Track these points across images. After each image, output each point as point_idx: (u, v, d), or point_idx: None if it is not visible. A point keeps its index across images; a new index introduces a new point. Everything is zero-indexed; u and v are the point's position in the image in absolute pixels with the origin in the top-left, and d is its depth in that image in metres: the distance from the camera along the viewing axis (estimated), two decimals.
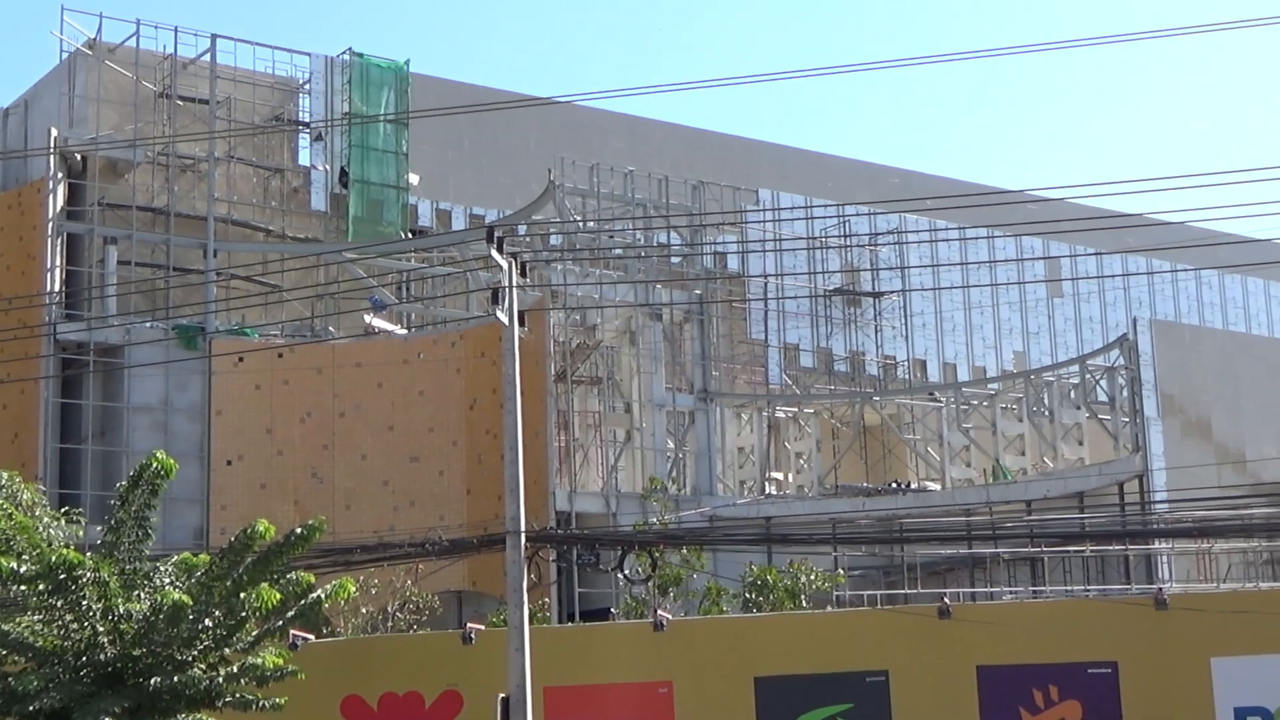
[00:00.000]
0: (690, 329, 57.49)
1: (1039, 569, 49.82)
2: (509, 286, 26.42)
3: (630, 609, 39.73)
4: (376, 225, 56.97)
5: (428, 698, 26.78)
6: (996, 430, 60.11)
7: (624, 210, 57.82)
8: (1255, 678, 25.23)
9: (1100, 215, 55.54)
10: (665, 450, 55.03)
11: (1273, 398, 56.14)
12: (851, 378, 69.16)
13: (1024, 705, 25.61)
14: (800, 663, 26.26)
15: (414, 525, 43.21)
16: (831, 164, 76.18)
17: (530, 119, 65.13)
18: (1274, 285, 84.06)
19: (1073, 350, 72.95)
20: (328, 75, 58.49)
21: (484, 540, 29.80)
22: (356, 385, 50.98)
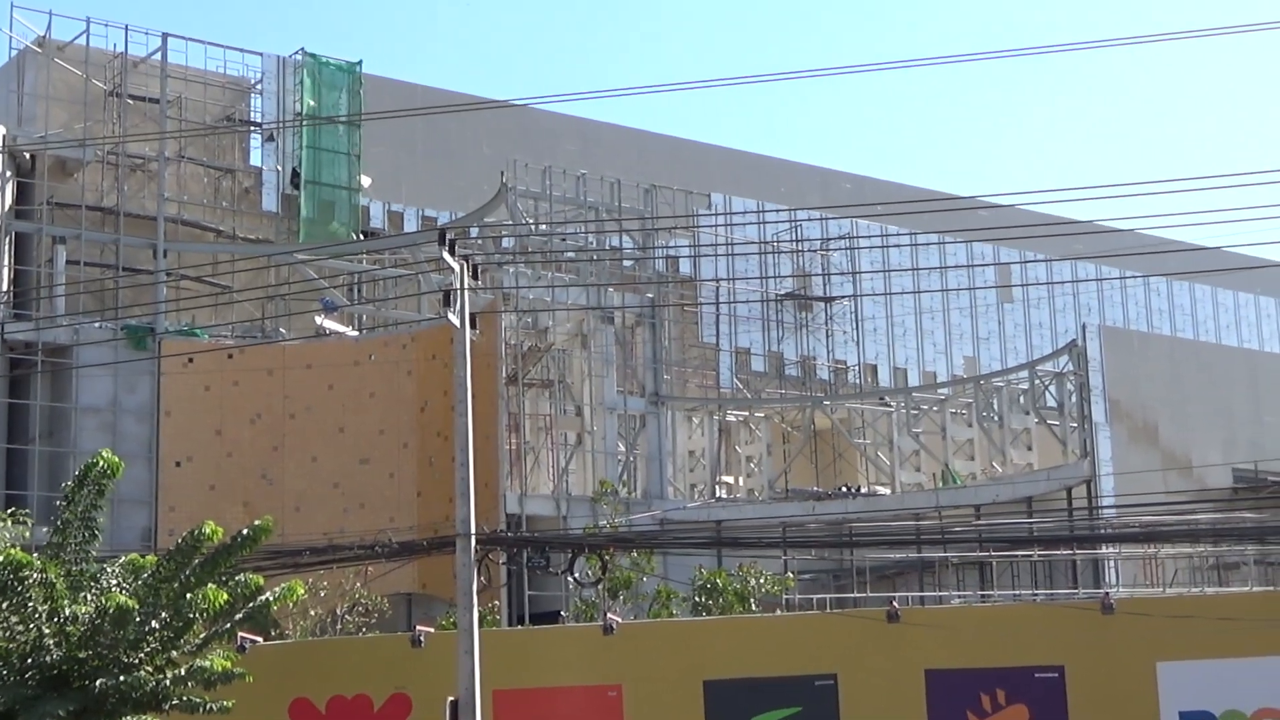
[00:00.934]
0: (642, 332, 57.51)
1: (987, 573, 50.06)
2: (460, 289, 26.40)
3: (580, 612, 39.73)
4: (328, 226, 56.79)
5: (376, 700, 26.72)
6: (946, 435, 60.33)
7: (576, 213, 57.81)
8: (1200, 682, 25.42)
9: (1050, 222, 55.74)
10: (616, 453, 55.04)
11: (1219, 404, 56.55)
12: (802, 382, 69.32)
13: (971, 709, 25.73)
14: (749, 666, 26.31)
15: (364, 527, 43.04)
16: (784, 168, 76.36)
17: (483, 121, 65.05)
18: (1221, 292, 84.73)
19: (1022, 356, 73.31)
20: (280, 75, 58.28)
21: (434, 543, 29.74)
22: (307, 387, 50.80)
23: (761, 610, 38.48)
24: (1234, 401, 57.16)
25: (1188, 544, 42.43)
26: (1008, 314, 77.96)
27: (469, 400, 26.44)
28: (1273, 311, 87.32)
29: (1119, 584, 47.05)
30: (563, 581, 39.56)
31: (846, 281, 70.25)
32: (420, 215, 64.83)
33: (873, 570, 48.75)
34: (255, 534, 25.04)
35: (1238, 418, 56.89)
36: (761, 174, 74.29)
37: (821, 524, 47.87)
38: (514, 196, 54.87)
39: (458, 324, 26.38)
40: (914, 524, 47.44)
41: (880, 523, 45.92)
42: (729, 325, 68.21)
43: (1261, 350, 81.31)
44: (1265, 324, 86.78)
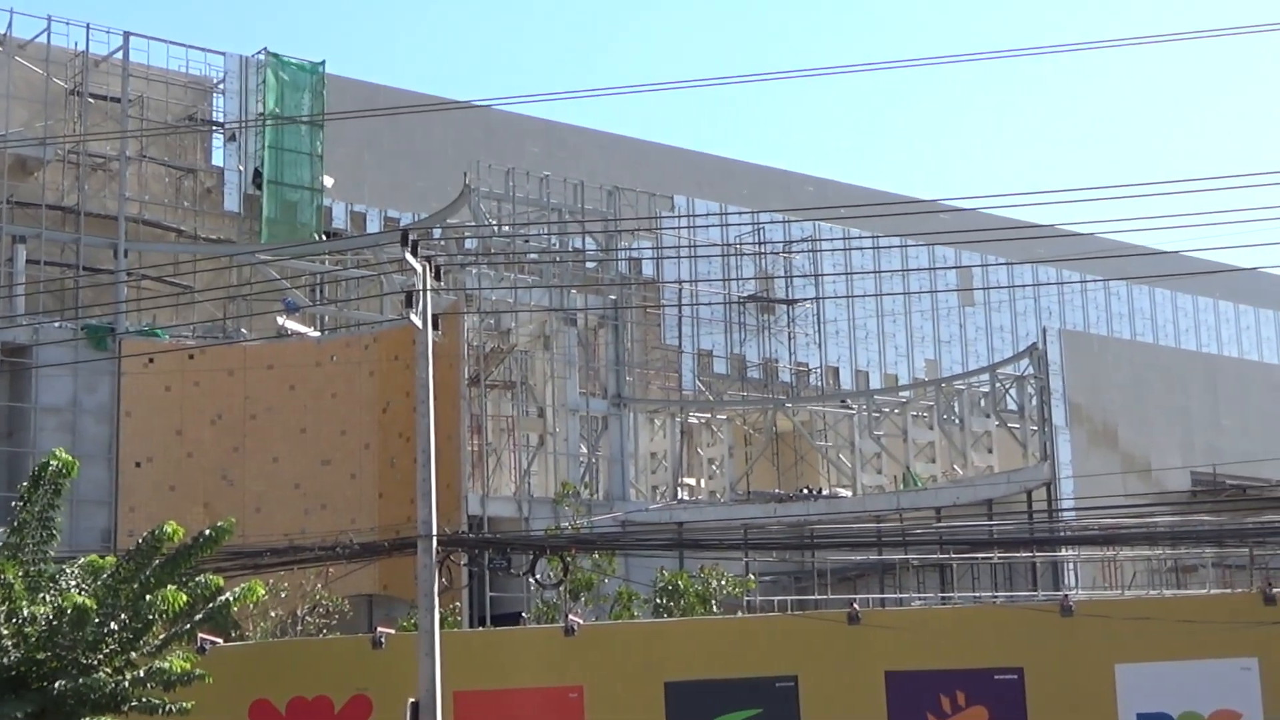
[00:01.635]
0: (604, 334, 57.51)
1: (948, 575, 50.23)
2: (423, 290, 26.37)
3: (541, 614, 39.70)
4: (290, 227, 56.63)
5: (337, 702, 26.65)
6: (907, 437, 60.53)
7: (539, 215, 57.79)
8: (1158, 684, 25.55)
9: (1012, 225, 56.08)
10: (578, 455, 55.03)
11: (1178, 408, 56.97)
12: (764, 384, 69.47)
13: (931, 710, 25.81)
14: (710, 668, 26.34)
15: (325, 528, 42.96)
16: (747, 171, 76.49)
17: (446, 122, 64.98)
18: (1181, 297, 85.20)
19: (983, 359, 73.61)
20: (242, 75, 58.13)
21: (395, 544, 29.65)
22: (268, 387, 50.66)
23: (723, 612, 38.53)
24: (1193, 405, 57.55)
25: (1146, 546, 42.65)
26: (969, 317, 78.27)
27: (431, 401, 26.42)
28: (1232, 316, 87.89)
29: (1078, 586, 47.30)
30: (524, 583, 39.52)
31: (809, 284, 70.44)
32: (383, 216, 64.73)
33: (834, 572, 48.86)
34: (216, 535, 24.94)
35: (1196, 421, 57.28)
36: (724, 176, 74.41)
37: (783, 526, 47.97)
38: (477, 198, 54.82)
39: (420, 325, 26.35)
40: (875, 526, 47.61)
41: (841, 525, 46.03)
42: (691, 327, 68.31)
43: (1220, 354, 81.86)
44: (1224, 328, 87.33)
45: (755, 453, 64.20)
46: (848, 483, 60.91)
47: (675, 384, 66.92)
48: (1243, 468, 54.06)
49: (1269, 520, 37.98)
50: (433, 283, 26.71)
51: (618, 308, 57.64)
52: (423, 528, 25.91)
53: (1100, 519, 36.61)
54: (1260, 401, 60.05)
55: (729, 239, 68.93)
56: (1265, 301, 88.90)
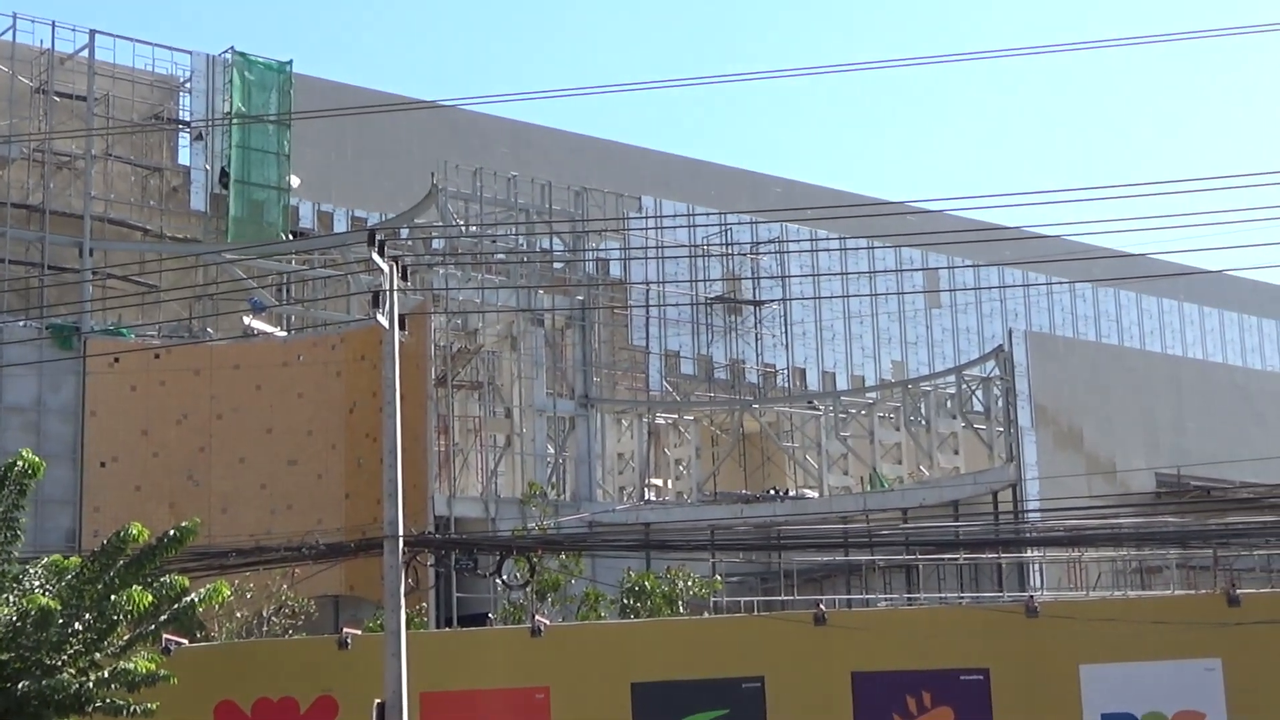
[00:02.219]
0: (572, 335, 57.50)
1: (914, 576, 50.35)
2: (390, 290, 26.32)
3: (508, 614, 39.67)
4: (257, 226, 56.48)
5: (303, 703, 26.58)
6: (874, 439, 60.67)
7: (507, 215, 57.75)
8: (1122, 684, 25.66)
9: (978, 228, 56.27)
10: (545, 456, 55.01)
11: (1142, 409, 57.17)
12: (731, 385, 69.55)
13: (897, 711, 25.87)
14: (677, 669, 26.35)
15: (292, 529, 42.79)
16: (714, 172, 76.54)
17: (414, 122, 64.87)
18: (1146, 299, 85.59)
19: (950, 360, 73.81)
20: (209, 74, 57.97)
21: (361, 544, 29.57)
22: (235, 387, 50.49)
23: (689, 613, 38.56)
24: (1157, 407, 57.80)
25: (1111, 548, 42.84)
26: (935, 319, 78.50)
27: (397, 401, 26.38)
28: (1196, 318, 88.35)
29: (1043, 587, 47.47)
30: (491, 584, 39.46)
31: (776, 285, 70.56)
32: (350, 216, 64.60)
33: (800, 573, 48.93)
34: (181, 535, 24.85)
35: (1161, 423, 57.53)
36: (692, 177, 74.46)
37: (749, 527, 48.02)
38: (444, 198, 54.75)
39: (387, 325, 26.30)
40: (841, 527, 47.70)
41: (808, 526, 46.10)
42: (659, 328, 68.34)
43: (1184, 356, 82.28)
44: (1188, 330, 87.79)
45: (722, 453, 64.26)
46: (814, 484, 61.02)
47: (642, 385, 66.95)
48: (1207, 469, 54.33)
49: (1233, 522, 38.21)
50: (400, 283, 26.66)
51: (585, 308, 57.63)
52: (389, 528, 25.86)
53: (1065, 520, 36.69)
54: (1224, 403, 60.34)
55: (696, 240, 69.00)
56: (1229, 304, 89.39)
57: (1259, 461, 54.27)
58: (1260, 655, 25.36)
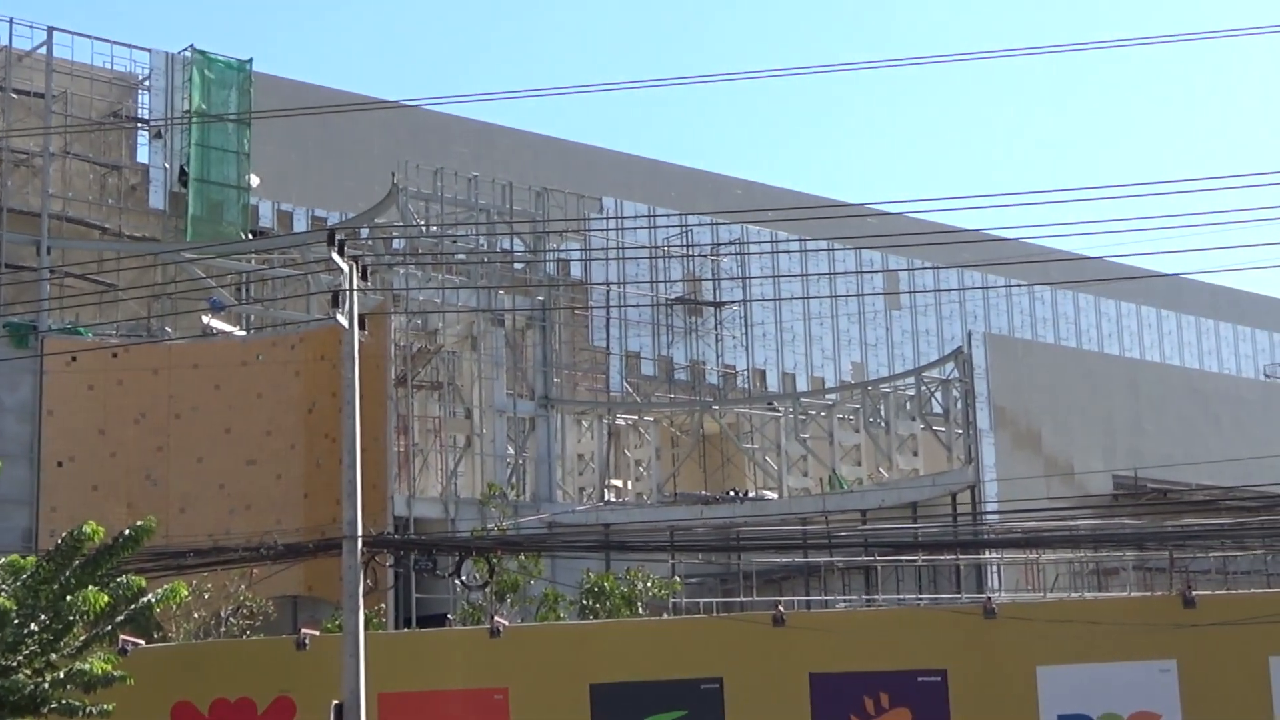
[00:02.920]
0: (532, 335, 57.47)
1: (873, 578, 50.44)
2: (350, 290, 26.28)
3: (467, 615, 39.63)
4: (216, 225, 56.27)
5: (260, 704, 26.50)
6: (833, 440, 60.80)
7: (467, 215, 57.68)
8: (1079, 686, 25.78)
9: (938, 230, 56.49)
10: (505, 456, 54.96)
11: (1100, 412, 57.36)
12: (691, 386, 69.59)
13: (855, 712, 25.94)
14: (636, 670, 26.38)
15: (250, 529, 42.70)
16: (675, 173, 76.58)
17: (375, 121, 64.72)
18: (1104, 302, 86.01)
19: (909, 362, 74.03)
20: (168, 72, 57.70)
21: (320, 544, 29.52)
22: (193, 387, 50.29)
23: (648, 614, 38.57)
24: (1115, 409, 58.03)
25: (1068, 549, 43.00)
26: (895, 321, 78.71)
27: (357, 401, 26.33)
28: (1154, 321, 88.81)
29: (1001, 589, 47.59)
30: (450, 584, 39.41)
31: (736, 287, 70.64)
32: (310, 215, 64.39)
33: (759, 574, 48.96)
34: (138, 535, 24.76)
35: (1118, 425, 57.77)
36: (653, 178, 74.48)
37: (709, 528, 48.08)
38: (405, 198, 54.65)
39: (346, 325, 26.25)
40: (801, 528, 47.77)
41: (767, 527, 46.16)
42: (619, 329, 68.33)
43: (1142, 359, 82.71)
44: (1146, 333, 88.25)
45: (682, 454, 64.30)
46: (774, 485, 61.13)
47: (603, 385, 66.94)
48: (1163, 471, 54.56)
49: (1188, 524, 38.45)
50: (360, 283, 26.61)
51: (545, 309, 57.60)
52: (348, 528, 25.81)
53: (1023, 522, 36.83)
54: (1181, 406, 60.62)
55: (657, 241, 69.00)
56: (1186, 307, 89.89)
57: (1215, 464, 54.54)
58: (1215, 657, 25.52)
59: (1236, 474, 53.17)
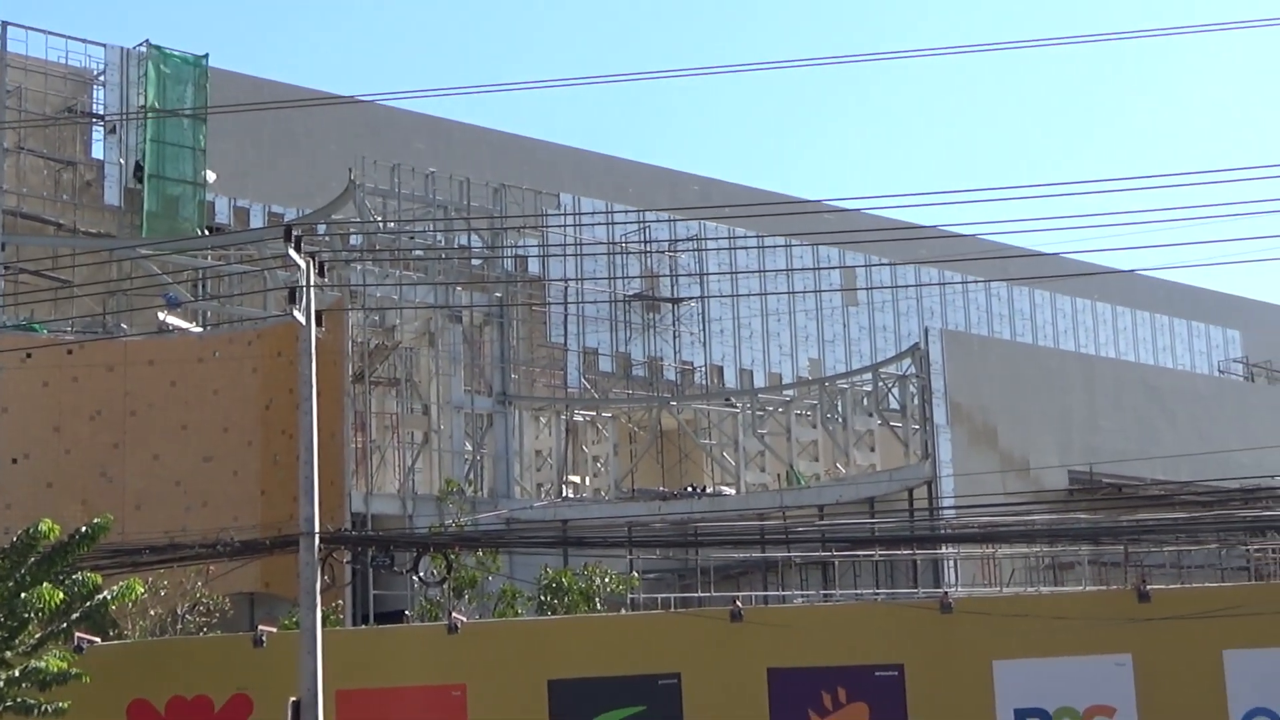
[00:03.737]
0: (490, 332, 57.43)
1: (830, 573, 50.59)
2: (306, 286, 26.19)
3: (425, 611, 39.57)
4: (172, 221, 56.02)
5: (217, 701, 26.41)
6: (791, 436, 60.94)
7: (425, 211, 57.57)
8: (1035, 680, 25.90)
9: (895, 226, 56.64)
10: (463, 452, 54.91)
11: (1056, 407, 57.60)
12: (649, 382, 69.61)
13: (813, 707, 26.00)
14: (594, 665, 26.38)
15: (207, 526, 42.53)
16: (633, 170, 76.59)
17: (331, 117, 64.52)
18: (1060, 298, 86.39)
19: (866, 358, 74.21)
20: (123, 67, 57.44)
21: (277, 541, 29.41)
22: (149, 383, 50.06)
23: (606, 610, 38.59)
24: (1071, 405, 58.29)
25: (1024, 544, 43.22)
26: (852, 317, 78.88)
27: (314, 398, 26.26)
28: (1109, 317, 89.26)
29: (958, 583, 47.79)
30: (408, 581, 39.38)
31: (694, 283, 70.68)
32: (267, 211, 64.15)
33: (717, 570, 49.08)
34: (93, 532, 24.65)
35: (1074, 421, 58.02)
36: (610, 175, 74.48)
37: (667, 524, 48.10)
38: (362, 194, 54.52)
39: (303, 321, 26.16)
40: (758, 524, 47.87)
41: (725, 523, 46.25)
42: (577, 325, 68.31)
43: (1098, 355, 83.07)
44: (1101, 329, 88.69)
45: (640, 451, 64.34)
46: (732, 481, 61.23)
47: (560, 382, 66.91)
48: (1118, 467, 54.85)
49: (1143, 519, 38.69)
50: (316, 279, 26.53)
51: (503, 305, 57.56)
52: (305, 525, 25.74)
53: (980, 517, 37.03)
54: (1136, 402, 60.92)
55: (615, 237, 69.00)
56: (1141, 303, 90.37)
57: (1169, 459, 54.91)
58: (1170, 650, 25.68)
59: (1191, 469, 53.57)
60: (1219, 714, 25.47)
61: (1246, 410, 66.28)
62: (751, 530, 44.46)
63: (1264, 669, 25.63)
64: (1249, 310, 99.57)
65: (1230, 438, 60.75)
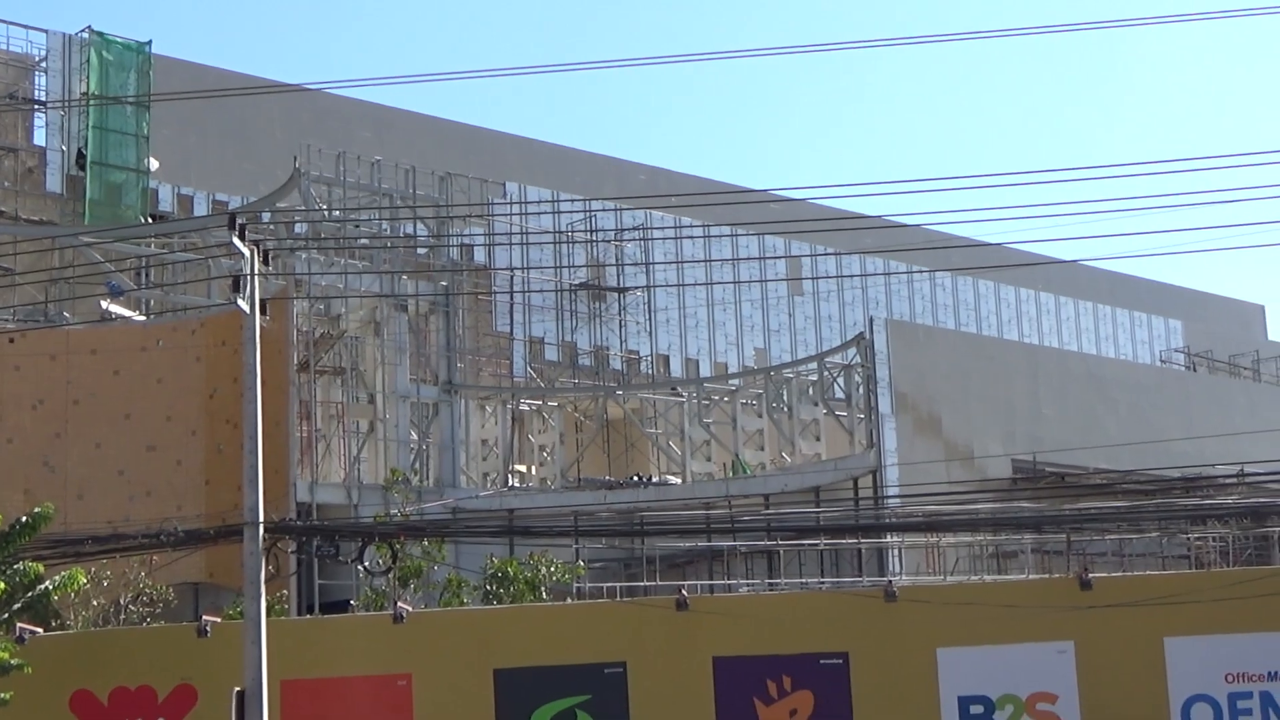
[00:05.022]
0: (435, 321, 57.29)
1: (775, 561, 50.76)
2: (251, 274, 26.05)
3: (370, 601, 39.48)
4: (115, 209, 55.68)
5: (160, 692, 26.25)
6: (737, 425, 61.06)
7: (370, 200, 57.38)
8: (978, 667, 26.02)
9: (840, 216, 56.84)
10: (409, 442, 54.78)
11: (1000, 397, 57.95)
12: (595, 372, 69.62)
13: (758, 696, 26.05)
14: (539, 655, 26.36)
15: (150, 515, 42.31)
16: (579, 159, 76.55)
17: (276, 105, 64.22)
18: (1003, 288, 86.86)
19: (812, 348, 74.42)
20: (65, 53, 57.02)
21: (221, 531, 29.24)
22: (92, 372, 49.73)
23: (552, 599, 38.60)
24: (1014, 394, 58.64)
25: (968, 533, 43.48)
26: (798, 306, 79.09)
27: (258, 387, 26.12)
28: (1052, 307, 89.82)
29: (902, 572, 48.05)
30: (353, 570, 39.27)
31: (640, 272, 70.70)
32: (211, 199, 63.81)
33: (663, 559, 49.16)
34: (34, 521, 24.47)
35: (1018, 410, 58.38)
36: (557, 164, 74.39)
37: (613, 513, 48.20)
38: (307, 182, 54.28)
39: (248, 310, 26.02)
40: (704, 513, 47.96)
41: (670, 512, 46.32)
42: (523, 314, 68.25)
43: (1041, 345, 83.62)
44: (1045, 319, 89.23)
45: (586, 440, 64.34)
46: (677, 470, 61.31)
47: (506, 371, 66.85)
48: (1061, 456, 55.23)
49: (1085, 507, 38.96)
50: (261, 267, 26.39)
51: (449, 294, 57.43)
52: (249, 515, 25.62)
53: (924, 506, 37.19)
54: (1079, 391, 61.33)
55: (561, 226, 68.95)
56: (1084, 294, 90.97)
57: (1111, 448, 55.31)
58: (1111, 638, 25.86)
59: (1133, 458, 53.97)
60: (1159, 700, 25.68)
61: (1187, 399, 66.84)
62: (697, 519, 44.57)
63: (1204, 656, 25.84)
64: (1190, 300, 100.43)
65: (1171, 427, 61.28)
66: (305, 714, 26.08)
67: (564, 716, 25.98)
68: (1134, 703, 25.77)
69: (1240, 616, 25.83)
